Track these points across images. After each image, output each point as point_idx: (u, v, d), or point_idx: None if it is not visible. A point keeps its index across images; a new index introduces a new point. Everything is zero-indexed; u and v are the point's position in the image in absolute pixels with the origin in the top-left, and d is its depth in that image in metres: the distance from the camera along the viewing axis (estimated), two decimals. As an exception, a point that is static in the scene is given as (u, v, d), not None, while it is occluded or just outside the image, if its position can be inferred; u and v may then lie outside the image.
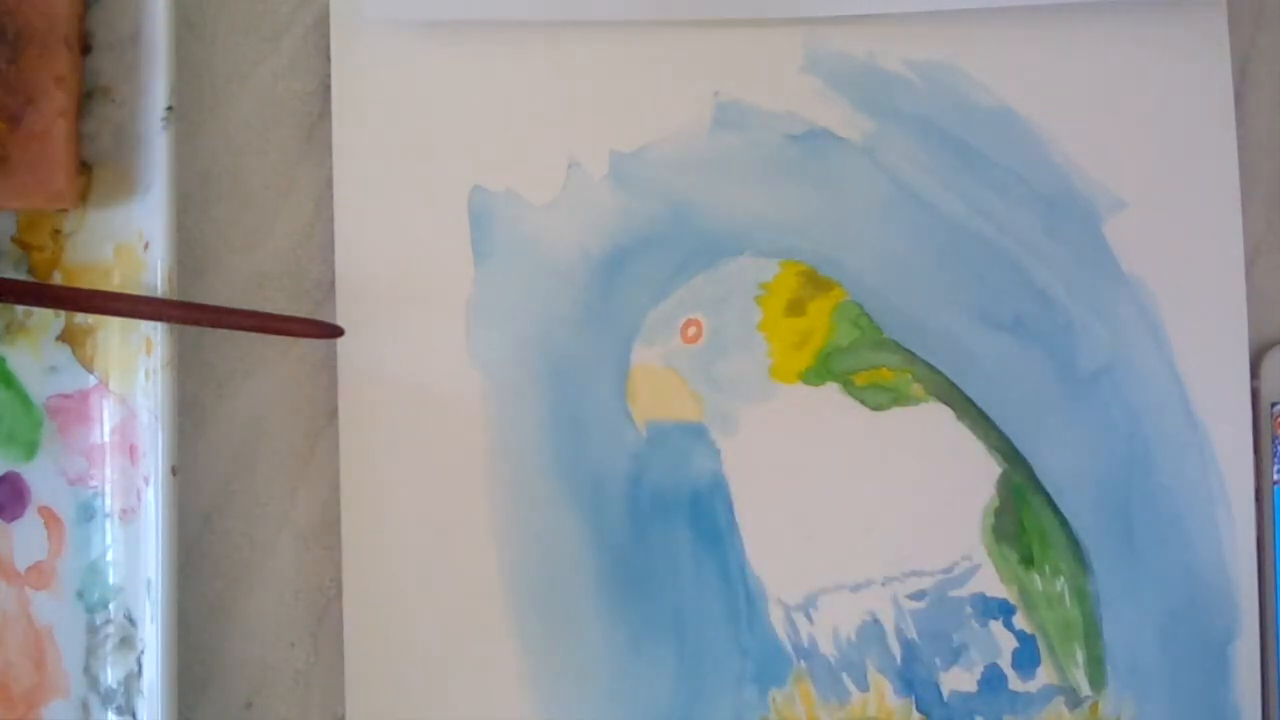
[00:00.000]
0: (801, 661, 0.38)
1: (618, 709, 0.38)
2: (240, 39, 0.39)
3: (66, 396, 0.37)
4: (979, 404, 0.39)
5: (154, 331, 0.37)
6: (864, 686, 0.38)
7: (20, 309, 0.37)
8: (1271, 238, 0.40)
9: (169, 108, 0.37)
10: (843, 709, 0.38)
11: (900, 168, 0.39)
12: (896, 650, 0.38)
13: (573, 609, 0.38)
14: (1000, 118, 0.39)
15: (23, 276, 0.37)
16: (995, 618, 0.39)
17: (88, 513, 0.37)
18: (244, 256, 0.39)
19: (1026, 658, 0.38)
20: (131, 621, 0.36)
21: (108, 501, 0.37)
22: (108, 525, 0.37)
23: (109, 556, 0.37)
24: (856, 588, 0.38)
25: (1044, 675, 0.38)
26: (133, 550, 0.36)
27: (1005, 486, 0.39)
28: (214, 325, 0.37)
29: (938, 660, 0.38)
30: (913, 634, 0.38)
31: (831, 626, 0.38)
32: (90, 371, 0.37)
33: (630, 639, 0.38)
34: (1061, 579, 0.39)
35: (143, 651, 0.36)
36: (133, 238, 0.37)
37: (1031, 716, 0.38)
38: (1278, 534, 0.39)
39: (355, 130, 0.39)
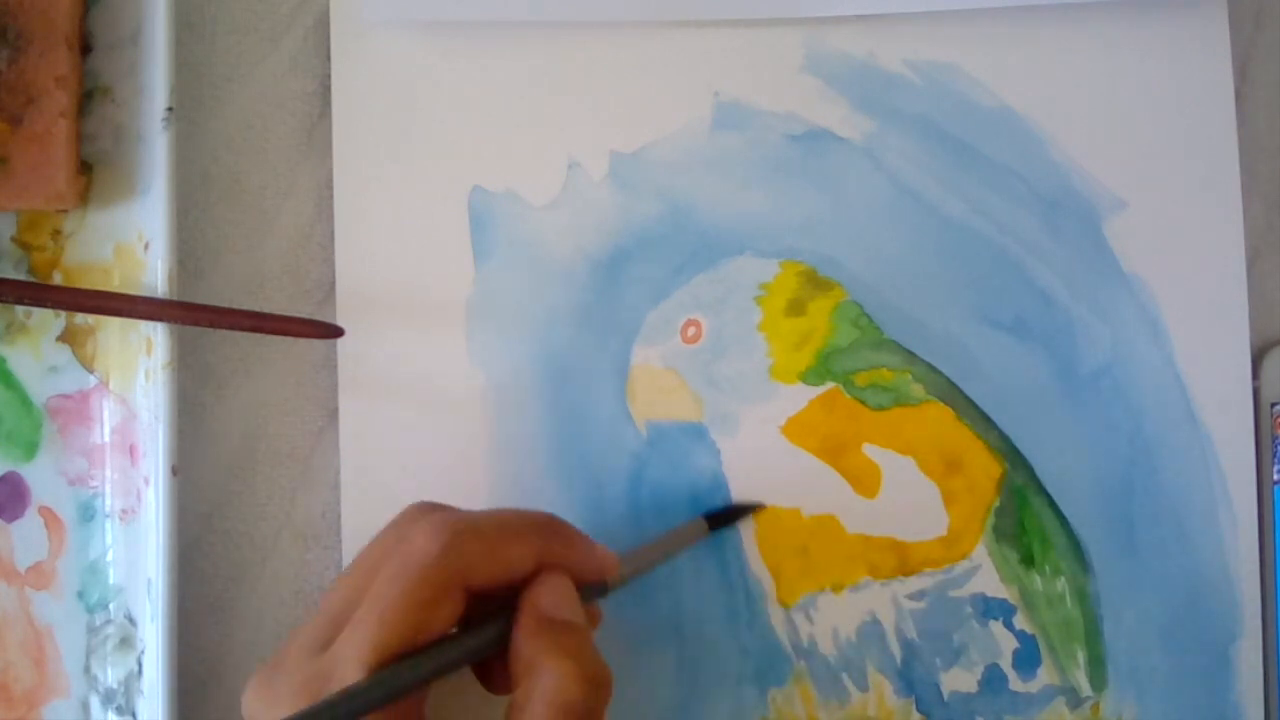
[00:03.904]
0: (801, 661, 0.38)
1: (617, 709, 0.38)
2: (240, 39, 0.39)
3: (66, 396, 0.37)
4: (980, 404, 0.39)
5: (154, 331, 0.37)
6: (864, 686, 0.38)
7: (20, 309, 0.37)
8: (1271, 238, 0.40)
9: (169, 108, 0.37)
10: (842, 709, 0.38)
11: (900, 168, 0.39)
12: (896, 650, 0.38)
13: (573, 609, 0.38)
14: (1000, 118, 0.39)
15: (23, 276, 0.37)
16: (995, 618, 0.38)
17: (88, 513, 0.37)
18: (244, 256, 0.39)
19: (1027, 658, 0.38)
20: (131, 621, 0.36)
21: (108, 501, 0.37)
22: (108, 525, 0.37)
23: (109, 556, 0.37)
24: (856, 588, 0.38)
25: (1044, 676, 0.38)
26: (133, 550, 0.36)
27: (1006, 486, 0.39)
28: (214, 325, 0.37)
29: (938, 660, 0.38)
30: (913, 634, 0.38)
31: (831, 626, 0.38)
32: (90, 371, 0.37)
33: (630, 639, 0.38)
34: (1062, 579, 0.38)
35: (143, 651, 0.36)
36: (133, 238, 0.37)
37: (1032, 717, 0.38)
38: (1278, 534, 0.38)
39: (355, 130, 0.39)
